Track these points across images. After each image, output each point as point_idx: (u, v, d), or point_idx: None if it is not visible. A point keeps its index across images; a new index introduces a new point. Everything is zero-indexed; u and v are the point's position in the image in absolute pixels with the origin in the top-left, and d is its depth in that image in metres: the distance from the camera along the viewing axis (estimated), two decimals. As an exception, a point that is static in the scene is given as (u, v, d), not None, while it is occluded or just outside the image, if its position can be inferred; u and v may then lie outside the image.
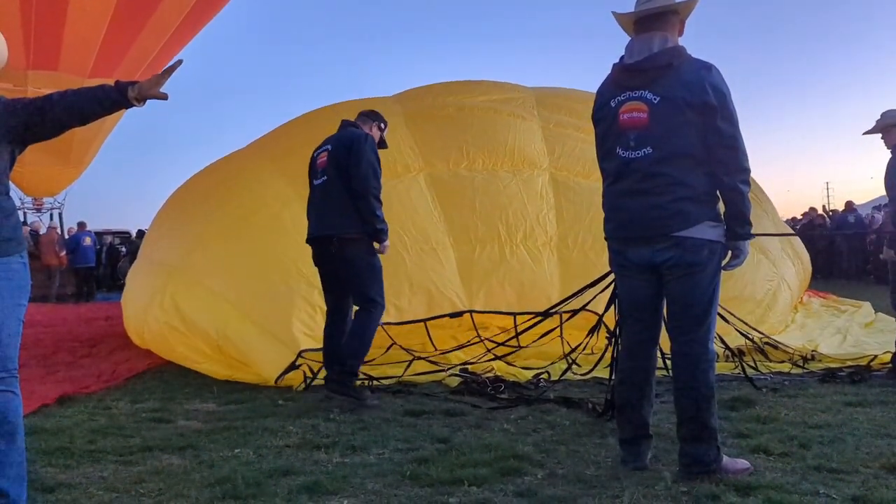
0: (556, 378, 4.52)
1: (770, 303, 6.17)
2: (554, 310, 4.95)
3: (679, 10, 2.89)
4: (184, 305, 5.17)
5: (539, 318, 5.06)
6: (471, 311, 5.29)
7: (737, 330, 5.08)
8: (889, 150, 4.80)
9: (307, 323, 4.76)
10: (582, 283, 4.61)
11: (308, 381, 4.50)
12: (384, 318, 4.35)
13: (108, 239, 17.63)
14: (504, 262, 5.60)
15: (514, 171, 6.07)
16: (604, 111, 2.94)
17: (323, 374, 4.53)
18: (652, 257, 2.80)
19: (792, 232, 8.32)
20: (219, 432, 3.47)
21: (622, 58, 2.93)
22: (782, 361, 5.11)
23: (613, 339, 3.75)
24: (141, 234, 17.32)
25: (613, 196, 2.93)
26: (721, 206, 2.81)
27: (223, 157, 6.79)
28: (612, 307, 3.64)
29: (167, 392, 4.48)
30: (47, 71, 11.57)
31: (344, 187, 4.13)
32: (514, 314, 5.22)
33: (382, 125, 4.48)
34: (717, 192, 2.78)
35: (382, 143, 4.46)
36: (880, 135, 4.87)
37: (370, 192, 4.12)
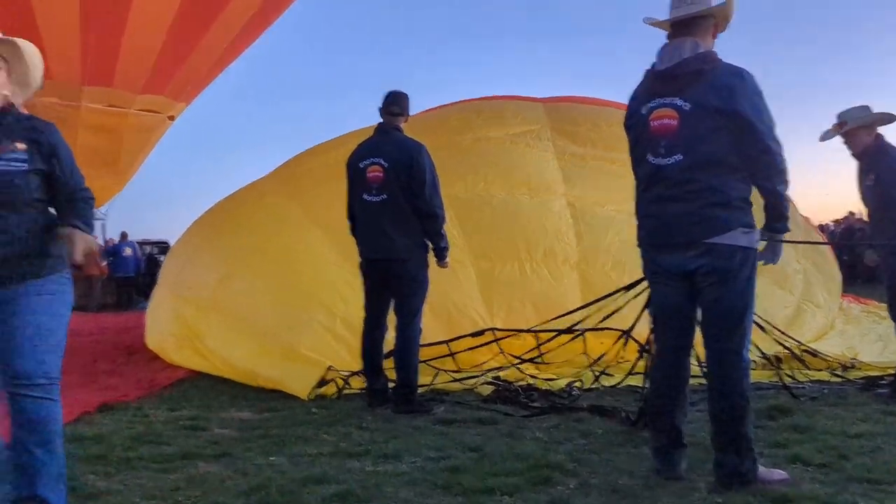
0: (588, 387, 4.50)
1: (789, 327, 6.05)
2: (578, 327, 4.95)
3: (713, 14, 2.86)
4: (209, 339, 5.34)
5: (564, 336, 5.04)
6: (493, 329, 5.23)
7: (773, 338, 4.99)
8: (855, 156, 4.45)
9: (326, 353, 4.82)
10: (606, 303, 4.62)
11: (341, 389, 4.54)
12: None
13: (148, 249, 18.01)
14: (525, 279, 5.57)
15: (532, 195, 6.10)
16: (635, 118, 2.93)
17: (355, 382, 4.59)
18: (684, 264, 2.77)
19: (822, 240, 8.09)
20: (254, 440, 3.52)
21: (654, 64, 2.91)
22: (821, 370, 5.01)
23: (647, 348, 3.73)
24: (178, 243, 17.66)
25: (645, 202, 2.91)
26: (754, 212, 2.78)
27: (242, 187, 6.94)
28: (641, 317, 3.61)
29: (203, 400, 4.56)
30: (102, 87, 11.91)
31: (406, 205, 4.14)
32: (537, 331, 5.18)
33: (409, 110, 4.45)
34: (750, 198, 2.75)
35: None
36: (842, 139, 4.45)
37: (437, 212, 4.18)
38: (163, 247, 18.73)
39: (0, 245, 2.32)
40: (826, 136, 4.57)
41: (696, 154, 2.72)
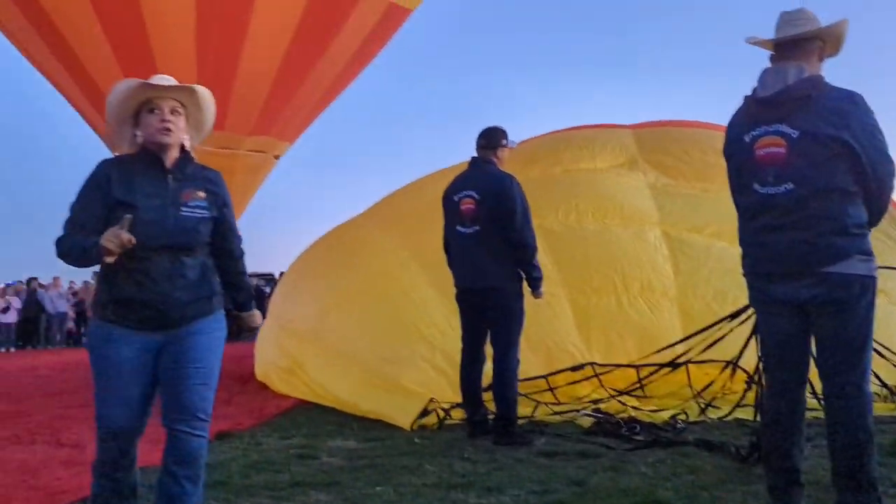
0: (694, 419, 4.37)
1: None
2: (682, 359, 4.82)
3: (820, 36, 2.77)
4: (312, 370, 5.55)
5: (665, 369, 4.93)
6: (592, 364, 5.14)
7: (894, 365, 4.69)
8: None
9: (428, 386, 4.91)
10: (704, 343, 4.49)
11: (442, 421, 4.61)
12: None
13: (255, 281, 18.85)
14: (622, 313, 5.46)
15: (625, 224, 6.00)
16: (736, 146, 2.84)
17: (456, 413, 4.64)
18: (797, 294, 2.66)
19: None
20: (360, 469, 3.63)
21: (754, 89, 2.82)
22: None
23: (756, 379, 3.60)
24: (284, 275, 18.39)
25: (753, 232, 2.81)
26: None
27: (344, 222, 7.21)
28: (747, 346, 3.50)
29: (312, 429, 4.73)
30: (216, 131, 12.72)
31: (498, 237, 4.21)
32: (638, 366, 5.07)
33: (505, 141, 4.50)
34: (866, 224, 2.65)
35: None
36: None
37: (528, 242, 4.22)
38: (268, 278, 19.57)
39: (178, 288, 2.40)
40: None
41: (809, 182, 2.62)
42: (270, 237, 33.87)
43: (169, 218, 2.38)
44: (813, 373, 2.78)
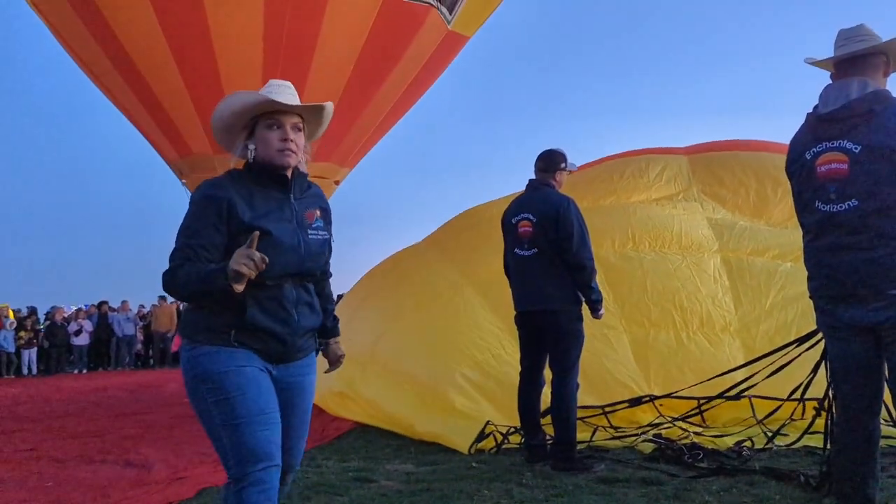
0: (760, 447, 4.23)
1: None
2: (745, 390, 4.69)
3: (884, 50, 2.70)
4: (368, 393, 5.58)
5: (724, 401, 4.80)
6: (651, 398, 5.01)
7: None
8: None
9: (477, 411, 4.89)
10: (773, 367, 4.35)
11: (499, 444, 4.58)
12: None
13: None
14: (682, 347, 5.35)
15: (684, 254, 5.90)
16: (798, 164, 2.79)
17: (514, 438, 4.61)
18: (868, 317, 2.58)
19: None
20: (418, 494, 3.63)
21: (816, 107, 2.77)
22: None
23: (826, 406, 3.46)
24: (339, 296, 18.64)
25: (817, 252, 2.74)
26: None
27: (402, 249, 7.32)
28: (817, 374, 3.38)
29: (370, 451, 4.77)
30: None
31: (556, 259, 4.21)
32: (699, 398, 4.92)
33: (564, 164, 4.50)
34: None
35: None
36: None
37: (586, 264, 4.19)
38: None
39: (302, 318, 2.16)
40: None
41: (873, 199, 2.55)
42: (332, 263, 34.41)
43: (300, 243, 2.14)
44: (888, 397, 2.67)
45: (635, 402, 4.97)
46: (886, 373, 2.66)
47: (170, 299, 17.32)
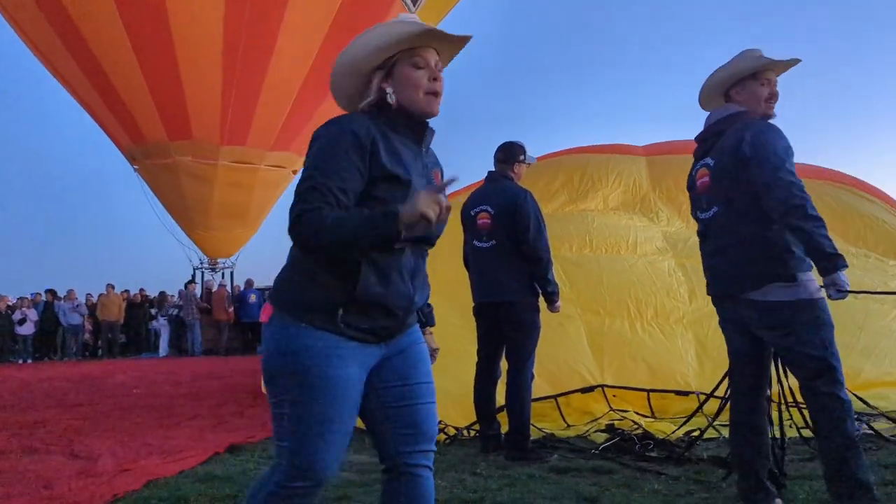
0: (709, 436, 4.31)
1: None
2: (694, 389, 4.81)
3: (740, 75, 2.96)
4: None
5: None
6: (602, 386, 5.11)
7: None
8: None
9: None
10: (721, 362, 4.46)
11: (452, 437, 4.59)
12: None
13: (267, 294, 18.94)
14: (636, 337, 5.45)
15: (640, 256, 6.08)
16: (690, 180, 3.17)
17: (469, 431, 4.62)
18: (738, 314, 2.90)
19: None
20: (371, 484, 3.61)
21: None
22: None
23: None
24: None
25: (703, 255, 3.11)
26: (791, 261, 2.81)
27: None
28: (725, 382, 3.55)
29: (323, 443, 4.72)
30: (237, 146, 12.94)
31: (514, 251, 4.22)
32: (649, 390, 5.03)
33: (523, 157, 4.49)
34: (791, 248, 2.75)
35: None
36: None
37: (542, 256, 4.21)
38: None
39: (417, 289, 1.85)
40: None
41: (725, 207, 2.91)
42: (286, 251, 34.00)
43: None
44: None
45: (587, 390, 5.06)
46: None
47: (118, 288, 16.96)
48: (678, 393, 4.88)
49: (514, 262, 4.23)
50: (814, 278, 2.79)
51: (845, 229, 6.70)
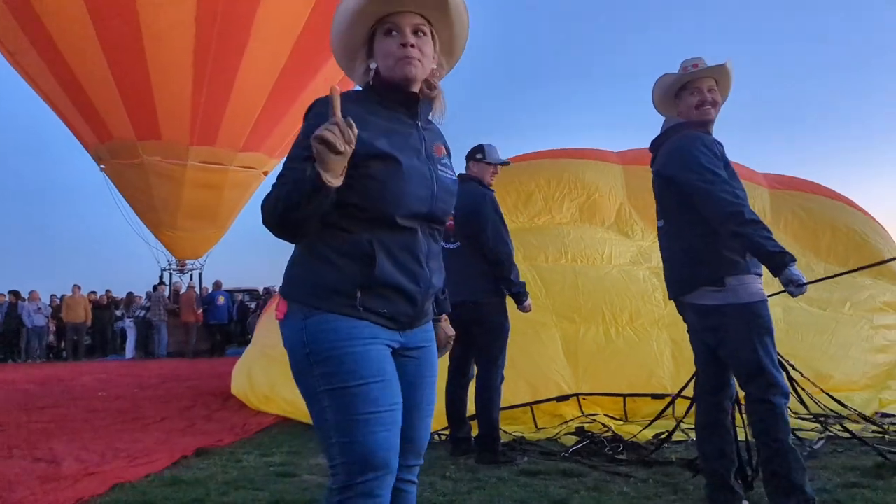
0: (678, 438, 4.37)
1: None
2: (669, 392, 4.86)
3: (671, 91, 3.10)
4: (288, 392, 5.53)
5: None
6: (577, 395, 5.13)
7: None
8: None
9: None
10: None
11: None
12: None
13: (239, 296, 18.74)
14: (610, 343, 5.50)
15: (614, 266, 6.23)
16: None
17: (436, 427, 4.61)
18: (688, 318, 3.04)
19: None
20: (341, 487, 3.59)
21: None
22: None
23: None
24: (267, 290, 18.34)
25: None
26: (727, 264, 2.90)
27: None
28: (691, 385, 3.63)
29: (293, 446, 4.69)
30: (207, 146, 12.77)
31: (477, 252, 4.22)
32: (624, 395, 5.08)
33: (480, 155, 4.44)
34: (724, 253, 2.84)
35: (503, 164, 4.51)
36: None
37: (502, 258, 4.21)
38: (253, 294, 19.46)
39: (434, 274, 1.78)
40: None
41: (665, 214, 3.07)
42: (257, 253, 33.74)
43: (432, 176, 1.76)
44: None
45: (563, 398, 5.08)
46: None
47: (84, 289, 16.65)
48: (654, 396, 4.91)
49: (478, 264, 4.23)
50: (750, 282, 2.83)
51: (816, 242, 6.82)
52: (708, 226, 2.83)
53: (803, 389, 3.99)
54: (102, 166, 14.14)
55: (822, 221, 6.96)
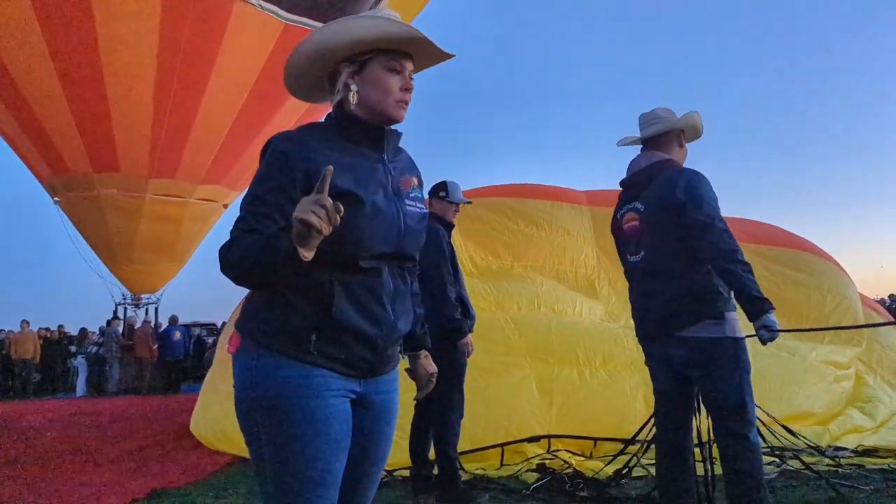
0: (638, 475, 4.38)
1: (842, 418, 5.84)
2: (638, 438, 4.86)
3: (671, 128, 3.18)
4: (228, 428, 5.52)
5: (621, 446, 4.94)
6: (549, 437, 5.12)
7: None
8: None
9: None
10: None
11: (382, 479, 4.51)
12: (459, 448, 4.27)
13: (196, 331, 18.36)
14: (584, 383, 5.52)
15: (586, 319, 6.39)
16: (615, 224, 3.30)
17: (403, 471, 4.56)
18: (666, 353, 3.00)
19: (884, 319, 7.77)
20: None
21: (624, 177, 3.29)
22: (886, 457, 4.82)
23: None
24: (225, 325, 18.03)
25: (632, 297, 3.21)
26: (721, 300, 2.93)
27: None
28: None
29: (249, 486, 4.57)
30: (166, 179, 12.58)
31: (426, 291, 4.10)
32: (595, 439, 5.09)
33: (443, 193, 4.41)
34: (719, 288, 2.90)
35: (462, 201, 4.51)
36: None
37: (432, 289, 4.07)
38: (210, 328, 19.09)
39: (399, 316, 1.70)
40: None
41: (655, 250, 3.02)
42: (214, 287, 33.19)
43: (398, 213, 1.67)
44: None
45: (533, 440, 5.08)
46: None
47: (33, 325, 16.14)
48: (625, 442, 4.82)
49: (431, 299, 4.17)
50: (737, 318, 2.92)
51: (776, 301, 6.96)
52: (699, 262, 2.89)
53: (761, 422, 4.05)
54: (57, 199, 13.83)
55: (782, 277, 7.05)
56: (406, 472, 4.51)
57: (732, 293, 2.88)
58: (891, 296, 17.86)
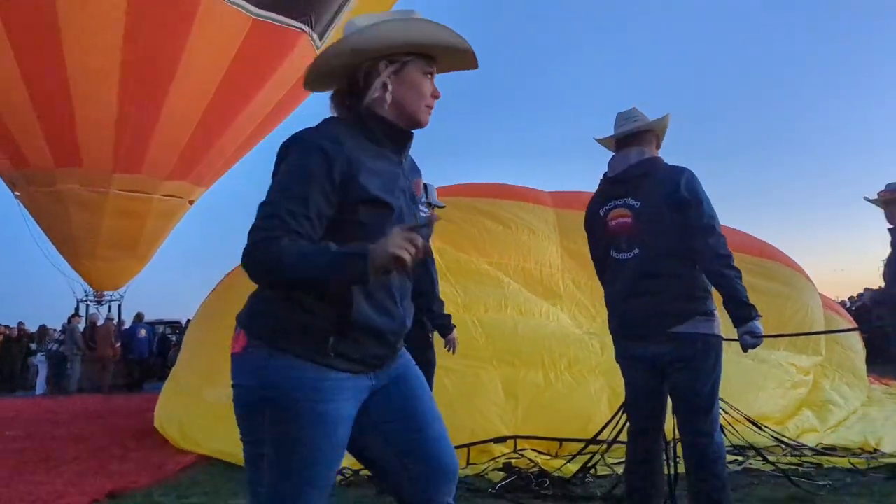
0: (603, 473, 4.42)
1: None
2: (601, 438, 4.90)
3: (653, 127, 3.18)
4: (195, 431, 5.55)
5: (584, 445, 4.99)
6: (515, 437, 5.15)
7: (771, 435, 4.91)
8: (890, 230, 4.55)
9: None
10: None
11: (347, 478, 4.49)
12: None
13: (161, 329, 18.07)
14: (549, 386, 5.55)
15: (552, 322, 6.39)
16: (594, 219, 3.22)
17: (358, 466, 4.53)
18: (651, 352, 2.96)
19: (847, 324, 7.91)
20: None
21: (606, 172, 3.23)
22: (843, 456, 4.92)
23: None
24: (190, 322, 17.77)
25: (612, 296, 3.15)
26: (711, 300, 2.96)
27: (235, 267, 7.07)
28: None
29: (212, 486, 4.52)
30: (130, 174, 12.34)
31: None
32: (560, 440, 5.12)
33: (428, 202, 4.42)
34: (709, 288, 2.94)
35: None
36: (884, 209, 4.57)
37: (421, 285, 4.18)
38: (175, 326, 18.80)
39: (408, 312, 1.74)
40: (872, 199, 4.70)
41: (652, 247, 2.97)
42: (179, 283, 32.73)
43: (414, 220, 1.69)
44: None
45: (499, 440, 5.10)
46: (669, 398, 3.04)
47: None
48: (588, 442, 4.88)
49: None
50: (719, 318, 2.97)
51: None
52: (693, 260, 2.90)
53: (725, 420, 4.11)
54: (17, 194, 13.51)
55: (754, 289, 7.21)
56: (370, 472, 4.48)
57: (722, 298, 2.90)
58: (850, 298, 18.27)
